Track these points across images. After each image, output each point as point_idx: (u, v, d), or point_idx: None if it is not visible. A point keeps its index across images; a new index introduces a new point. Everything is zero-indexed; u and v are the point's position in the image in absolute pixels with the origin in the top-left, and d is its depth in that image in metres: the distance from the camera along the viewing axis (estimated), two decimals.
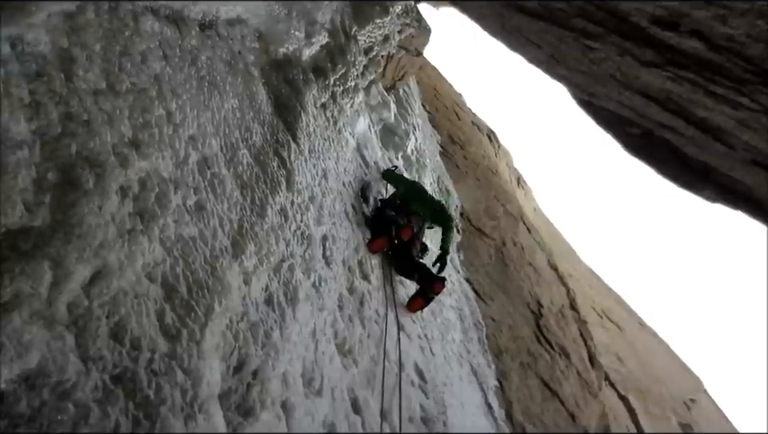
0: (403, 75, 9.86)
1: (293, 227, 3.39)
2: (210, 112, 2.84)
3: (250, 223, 2.75)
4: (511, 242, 11.69)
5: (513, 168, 20.00)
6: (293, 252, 3.27)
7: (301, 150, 4.08)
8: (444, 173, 11.20)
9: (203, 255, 2.23)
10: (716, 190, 5.28)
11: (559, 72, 5.56)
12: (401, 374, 4.18)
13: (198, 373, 1.86)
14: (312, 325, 3.18)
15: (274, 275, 2.93)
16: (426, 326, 5.77)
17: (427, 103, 13.85)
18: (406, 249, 5.70)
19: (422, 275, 5.62)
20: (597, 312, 15.89)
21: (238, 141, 3.11)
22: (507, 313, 9.36)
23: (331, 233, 4.21)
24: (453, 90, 18.48)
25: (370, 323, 4.29)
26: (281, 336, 2.64)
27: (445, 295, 7.04)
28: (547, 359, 9.30)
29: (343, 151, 5.68)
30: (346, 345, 3.62)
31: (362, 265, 4.81)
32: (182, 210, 2.22)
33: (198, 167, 2.50)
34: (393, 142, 8.69)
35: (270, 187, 3.23)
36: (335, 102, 5.70)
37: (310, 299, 3.30)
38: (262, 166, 3.28)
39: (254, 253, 2.66)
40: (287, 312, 2.84)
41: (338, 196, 4.86)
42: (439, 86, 16.61)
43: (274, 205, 3.17)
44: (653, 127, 4.85)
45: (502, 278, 10.32)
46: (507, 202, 13.25)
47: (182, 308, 1.95)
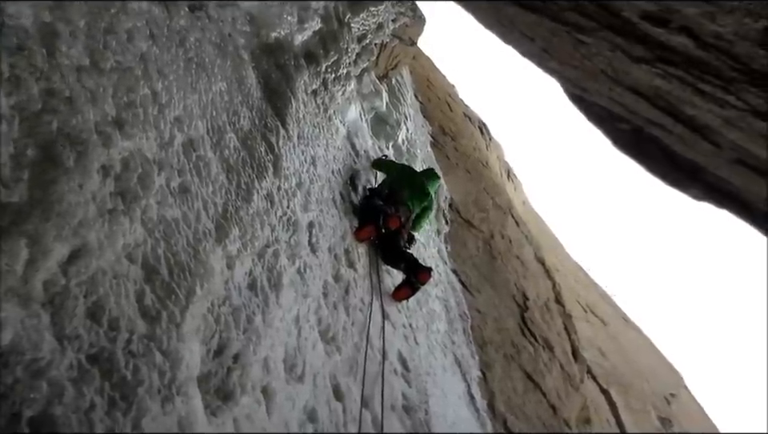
0: (396, 65, 9.82)
1: (279, 213, 3.37)
2: (197, 94, 2.81)
3: (235, 207, 2.74)
4: (499, 235, 11.72)
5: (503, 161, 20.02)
6: (278, 238, 3.26)
7: (289, 136, 4.06)
8: (434, 164, 11.20)
9: (186, 238, 2.22)
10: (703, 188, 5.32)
11: (551, 66, 5.56)
12: (384, 362, 4.19)
13: (177, 355, 1.85)
14: (295, 311, 3.17)
15: (258, 260, 2.92)
16: (411, 315, 5.78)
17: (420, 94, 13.81)
18: (393, 238, 5.70)
19: (409, 265, 5.63)
20: (582, 306, 16.00)
21: (225, 124, 3.08)
22: (493, 305, 9.40)
23: (318, 220, 4.20)
24: (446, 81, 18.44)
25: (355, 311, 4.29)
26: (263, 321, 2.64)
27: (431, 285, 7.05)
28: (531, 351, 9.35)
29: (333, 139, 5.66)
30: (329, 332, 3.62)
31: (348, 253, 4.80)
32: (166, 191, 2.20)
33: (183, 149, 2.48)
34: (384, 131, 8.66)
35: (256, 172, 3.21)
36: (326, 89, 5.67)
37: (295, 285, 3.29)
38: (249, 151, 3.25)
39: (238, 237, 2.65)
40: (270, 298, 2.83)
41: (326, 183, 4.84)
42: (432, 76, 16.57)
43: (260, 190, 3.15)
44: (642, 124, 4.87)
45: (488, 270, 10.36)
46: (497, 194, 13.27)
47: (162, 290, 1.94)
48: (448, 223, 10.14)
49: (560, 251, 20.06)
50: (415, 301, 6.12)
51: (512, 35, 5.81)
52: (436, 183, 7.19)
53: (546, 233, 20.25)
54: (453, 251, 9.75)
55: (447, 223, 10.11)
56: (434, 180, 6.97)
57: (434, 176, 6.97)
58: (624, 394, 13.62)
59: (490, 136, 19.14)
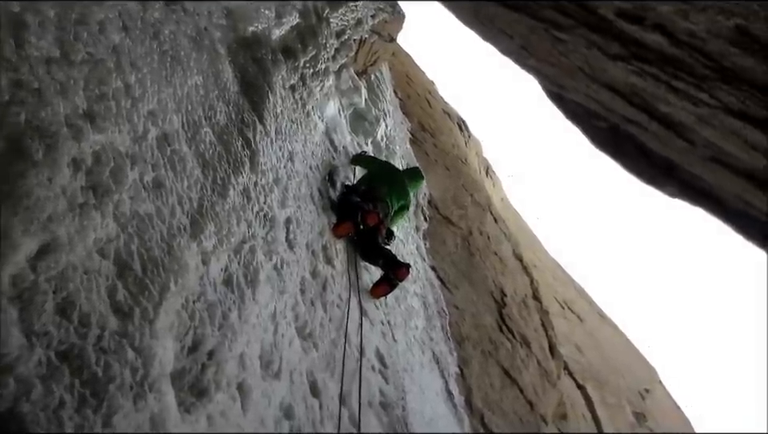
0: (375, 61, 9.81)
1: (255, 209, 3.35)
2: (171, 88, 2.78)
3: (210, 203, 2.71)
4: (478, 231, 11.79)
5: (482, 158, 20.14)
6: (254, 234, 3.24)
7: (267, 131, 4.03)
8: (413, 160, 11.22)
9: (160, 233, 2.19)
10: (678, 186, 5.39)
11: (530, 63, 5.60)
12: (361, 359, 4.20)
13: (150, 352, 1.83)
14: (272, 308, 3.16)
15: (234, 256, 2.90)
16: (389, 312, 5.80)
17: (399, 90, 13.82)
18: (371, 235, 5.70)
19: (387, 262, 5.64)
20: (559, 303, 16.18)
21: (200, 119, 3.05)
22: (471, 301, 9.46)
23: (295, 216, 4.18)
24: (425, 77, 18.48)
25: (332, 308, 4.29)
26: (239, 318, 2.62)
27: (409, 282, 7.07)
28: (508, 347, 9.43)
29: (311, 135, 5.64)
30: (306, 329, 3.61)
31: (326, 249, 4.80)
32: (139, 186, 2.18)
33: (157, 143, 2.45)
34: (363, 127, 8.65)
35: (232, 167, 3.18)
36: (304, 85, 5.64)
37: (271, 281, 3.27)
38: (225, 146, 3.23)
39: (213, 233, 2.62)
40: (246, 294, 2.81)
41: (303, 179, 4.83)
42: (411, 73, 16.59)
43: (236, 185, 3.13)
44: (619, 121, 4.93)
45: (467, 267, 10.41)
46: (475, 191, 13.34)
47: (135, 286, 1.92)
48: (427, 220, 10.17)
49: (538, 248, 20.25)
50: (393, 298, 6.14)
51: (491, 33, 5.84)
52: (419, 185, 7.20)
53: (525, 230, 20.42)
54: (431, 247, 9.78)
55: (426, 220, 10.14)
56: (417, 181, 6.97)
57: (418, 177, 6.97)
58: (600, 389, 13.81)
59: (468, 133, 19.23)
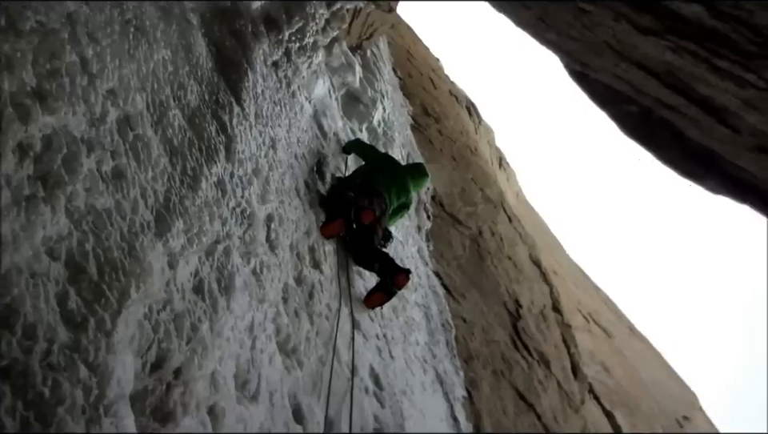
0: (372, 34, 9.81)
1: (231, 204, 3.35)
2: (135, 63, 2.78)
3: (179, 196, 2.71)
4: (489, 232, 11.81)
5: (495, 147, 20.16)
6: (230, 233, 3.24)
7: (245, 115, 4.03)
8: (415, 150, 11.23)
9: (120, 231, 2.19)
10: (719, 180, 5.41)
11: (549, 37, 5.60)
12: (353, 379, 4.20)
13: (107, 369, 1.83)
14: (249, 319, 3.16)
15: (205, 258, 2.90)
16: (385, 325, 5.80)
17: (399, 68, 13.83)
18: (366, 235, 5.71)
19: (384, 266, 5.64)
20: (583, 315, 16.21)
21: (168, 99, 3.05)
22: (481, 313, 9.48)
23: (278, 212, 4.18)
24: (429, 54, 18.49)
25: (320, 319, 4.29)
26: (211, 330, 2.62)
27: (410, 290, 7.08)
28: (524, 366, 9.46)
29: (297, 119, 5.64)
30: (289, 343, 3.62)
31: (313, 251, 4.80)
32: (96, 176, 2.17)
33: (117, 127, 2.44)
34: (357, 110, 8.66)
35: (205, 156, 3.18)
36: (289, 61, 5.64)
37: (249, 288, 3.27)
38: (196, 131, 3.23)
39: (182, 231, 2.62)
40: (220, 302, 2.81)
41: (288, 170, 4.83)
42: (414, 48, 16.59)
43: (209, 176, 3.13)
44: (652, 105, 4.94)
45: (476, 273, 10.44)
46: (487, 186, 13.36)
47: (89, 292, 1.92)
48: (430, 219, 10.19)
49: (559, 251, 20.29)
50: (391, 308, 6.14)
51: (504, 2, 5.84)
52: (423, 184, 7.19)
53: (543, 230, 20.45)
54: (435, 250, 9.79)
55: (429, 219, 10.15)
56: (421, 180, 6.95)
57: (422, 175, 6.95)
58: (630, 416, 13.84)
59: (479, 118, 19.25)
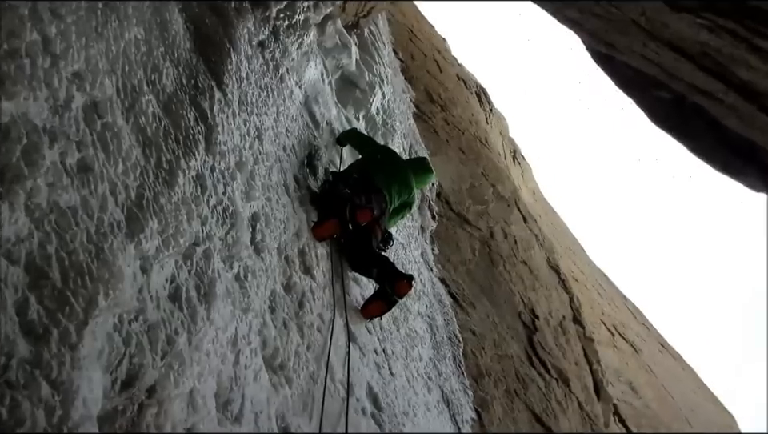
0: (370, 11, 9.80)
1: (212, 201, 3.35)
2: (103, 42, 2.77)
3: (153, 193, 2.71)
4: (501, 233, 11.82)
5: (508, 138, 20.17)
6: (210, 234, 3.24)
7: (227, 101, 4.04)
8: (418, 141, 11.24)
9: (86, 231, 2.19)
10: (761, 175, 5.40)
11: (570, 15, 5.60)
12: (348, 398, 4.20)
13: (71, 387, 1.83)
14: (232, 330, 3.16)
15: (183, 262, 2.90)
16: (385, 338, 5.81)
17: (400, 49, 13.84)
18: (363, 237, 5.71)
19: (383, 272, 5.64)
20: (607, 327, 16.22)
21: (141, 83, 3.05)
22: (492, 325, 9.49)
23: (264, 211, 4.19)
24: (434, 33, 18.50)
25: (311, 331, 4.29)
26: (189, 343, 2.62)
27: (412, 298, 7.08)
28: (540, 385, 9.46)
29: (285, 106, 5.64)
30: (277, 358, 3.62)
31: (303, 255, 4.80)
32: (60, 170, 2.17)
33: (84, 115, 2.44)
34: (353, 97, 8.66)
35: (182, 147, 3.18)
36: (277, 41, 5.64)
37: (232, 296, 3.28)
38: (173, 119, 3.23)
39: (156, 232, 2.62)
40: (199, 312, 2.81)
41: (275, 164, 4.83)
42: (417, 27, 16.60)
43: (187, 170, 3.13)
44: (685, 91, 4.94)
45: (487, 279, 10.45)
46: (499, 181, 13.38)
47: (52, 301, 1.91)
48: (435, 219, 10.19)
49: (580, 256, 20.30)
50: (391, 319, 6.14)
51: None
52: (427, 181, 7.21)
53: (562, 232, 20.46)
54: (441, 254, 9.80)
55: (434, 219, 10.16)
56: (425, 176, 6.97)
57: (426, 170, 6.97)
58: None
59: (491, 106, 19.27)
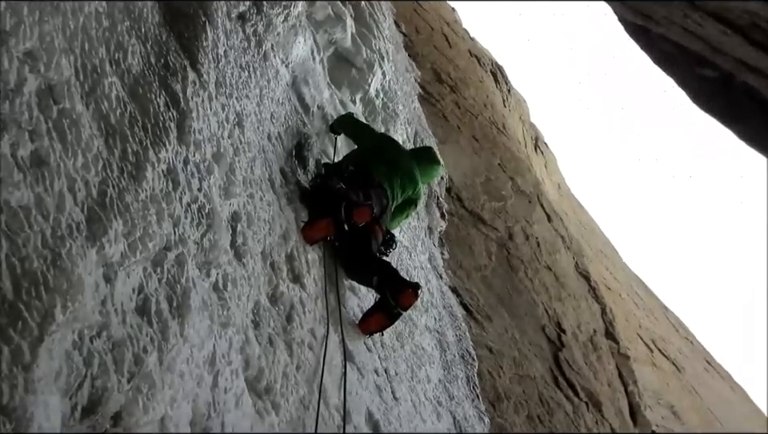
0: None
1: (185, 199, 3.36)
2: (60, 17, 2.79)
3: (117, 189, 2.72)
4: (522, 234, 11.81)
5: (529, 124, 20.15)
6: (184, 236, 3.25)
7: (203, 83, 4.05)
8: (425, 128, 11.23)
9: (41, 234, 2.20)
10: None
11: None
12: (345, 426, 4.21)
13: (25, 414, 1.84)
14: (210, 348, 3.17)
15: (152, 269, 2.91)
16: (387, 356, 5.81)
17: (403, 21, 13.84)
18: (361, 239, 5.71)
19: (385, 280, 5.63)
20: (645, 343, 16.22)
21: (103, 63, 3.06)
22: (511, 341, 9.49)
23: (246, 210, 4.20)
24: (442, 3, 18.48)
25: (302, 349, 4.30)
26: (159, 363, 2.63)
27: (419, 311, 7.09)
28: (568, 410, 9.47)
29: (270, 88, 5.65)
30: (262, 380, 3.63)
31: (292, 261, 4.81)
32: (10, 163, 2.19)
33: (38, 100, 2.46)
34: (348, 77, 8.67)
35: (151, 136, 3.19)
36: (260, 13, 5.65)
37: (209, 308, 3.29)
38: (140, 104, 3.24)
39: (121, 235, 2.63)
40: (171, 327, 2.82)
41: (258, 155, 4.84)
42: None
43: (156, 163, 3.14)
44: (733, 69, 4.95)
45: (505, 288, 10.44)
46: (518, 174, 13.37)
47: (2, 314, 1.92)
48: (445, 218, 10.18)
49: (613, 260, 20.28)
50: (394, 335, 6.15)
51: None
52: (434, 173, 7.21)
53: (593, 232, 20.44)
54: (452, 259, 9.80)
55: (443, 217, 10.15)
56: (432, 168, 6.98)
57: (433, 161, 6.97)
58: None
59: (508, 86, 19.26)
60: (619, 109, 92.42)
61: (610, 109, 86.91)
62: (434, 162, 6.96)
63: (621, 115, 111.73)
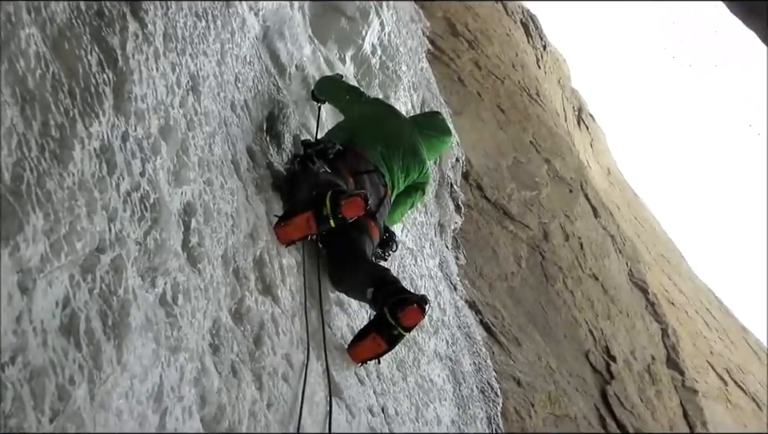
0: None
1: (124, 186, 3.36)
2: None
3: (36, 173, 2.72)
4: (560, 233, 11.81)
5: (570, 91, 20.14)
6: (122, 235, 3.24)
7: (147, 36, 4.04)
8: (435, 94, 11.22)
9: None
10: None
11: None
12: None
13: None
14: (156, 379, 3.17)
15: (81, 277, 2.91)
16: (385, 391, 5.82)
17: None
18: (352, 239, 5.70)
19: (382, 292, 5.59)
20: (718, 373, 16.25)
21: (18, 10, 3.06)
22: (546, 371, 9.50)
23: (202, 201, 4.19)
24: None
25: (274, 381, 4.30)
26: (90, 398, 2.64)
27: (426, 332, 7.10)
28: None
29: (234, 42, 5.64)
30: (222, 421, 3.63)
31: (262, 267, 4.81)
32: None
33: None
34: (336, 28, 8.67)
35: (80, 105, 3.19)
36: None
37: (154, 328, 3.29)
38: (66, 63, 3.24)
39: (41, 232, 2.64)
40: (105, 352, 2.83)
41: (219, 130, 4.83)
42: None
43: (87, 140, 3.14)
44: None
45: (538, 303, 10.44)
46: (556, 155, 13.35)
47: None
48: (461, 211, 10.18)
49: (678, 266, 20.27)
50: (394, 363, 6.16)
51: None
52: (442, 145, 7.19)
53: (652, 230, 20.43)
54: (470, 265, 9.80)
55: (459, 211, 10.15)
56: (440, 140, 6.96)
57: (441, 131, 6.96)
58: None
59: (544, 42, 19.24)
60: (713, 67, 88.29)
61: (705, 67, 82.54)
62: (443, 131, 6.93)
63: (717, 74, 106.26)
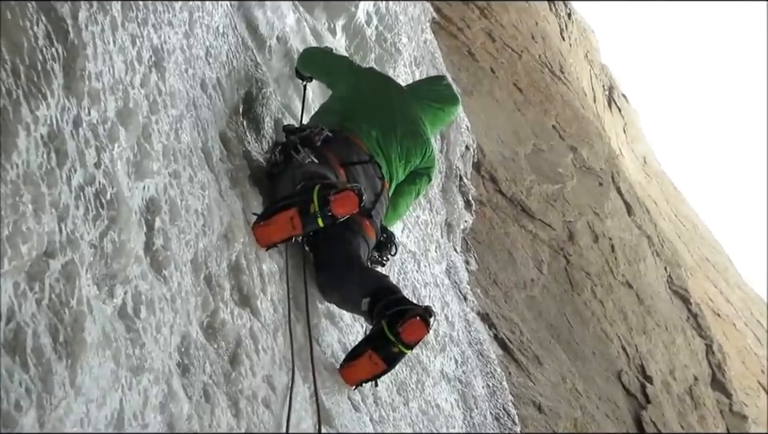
0: None
1: (76, 180, 3.36)
2: None
3: None
4: (589, 233, 11.82)
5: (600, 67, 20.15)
6: (75, 236, 3.25)
7: (102, 3, 4.03)
8: (441, 71, 11.22)
9: None
10: None
11: None
12: None
13: None
14: (116, 404, 3.18)
15: (27, 286, 2.91)
16: (383, 418, 5.83)
17: None
18: (344, 242, 5.69)
19: (380, 302, 5.58)
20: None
21: None
22: (571, 394, 9.51)
23: (168, 197, 4.19)
24: None
25: (253, 407, 4.31)
26: (39, 426, 2.64)
27: (431, 349, 7.11)
28: None
29: (205, 10, 5.64)
30: None
31: (238, 274, 4.81)
32: None
33: None
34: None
35: (25, 85, 3.19)
36: None
37: (113, 345, 3.29)
38: (8, 35, 3.24)
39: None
40: (57, 373, 2.83)
41: (187, 113, 4.82)
42: None
43: (32, 126, 3.14)
44: None
45: (563, 315, 10.44)
46: (584, 142, 13.38)
47: None
48: (472, 208, 10.18)
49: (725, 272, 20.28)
50: (394, 385, 6.17)
51: None
52: (447, 117, 7.17)
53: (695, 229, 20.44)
54: (482, 271, 9.79)
55: (470, 207, 10.15)
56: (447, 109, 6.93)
57: (445, 100, 6.93)
58: None
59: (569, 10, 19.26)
60: None
61: None
62: (447, 101, 6.86)
63: None
